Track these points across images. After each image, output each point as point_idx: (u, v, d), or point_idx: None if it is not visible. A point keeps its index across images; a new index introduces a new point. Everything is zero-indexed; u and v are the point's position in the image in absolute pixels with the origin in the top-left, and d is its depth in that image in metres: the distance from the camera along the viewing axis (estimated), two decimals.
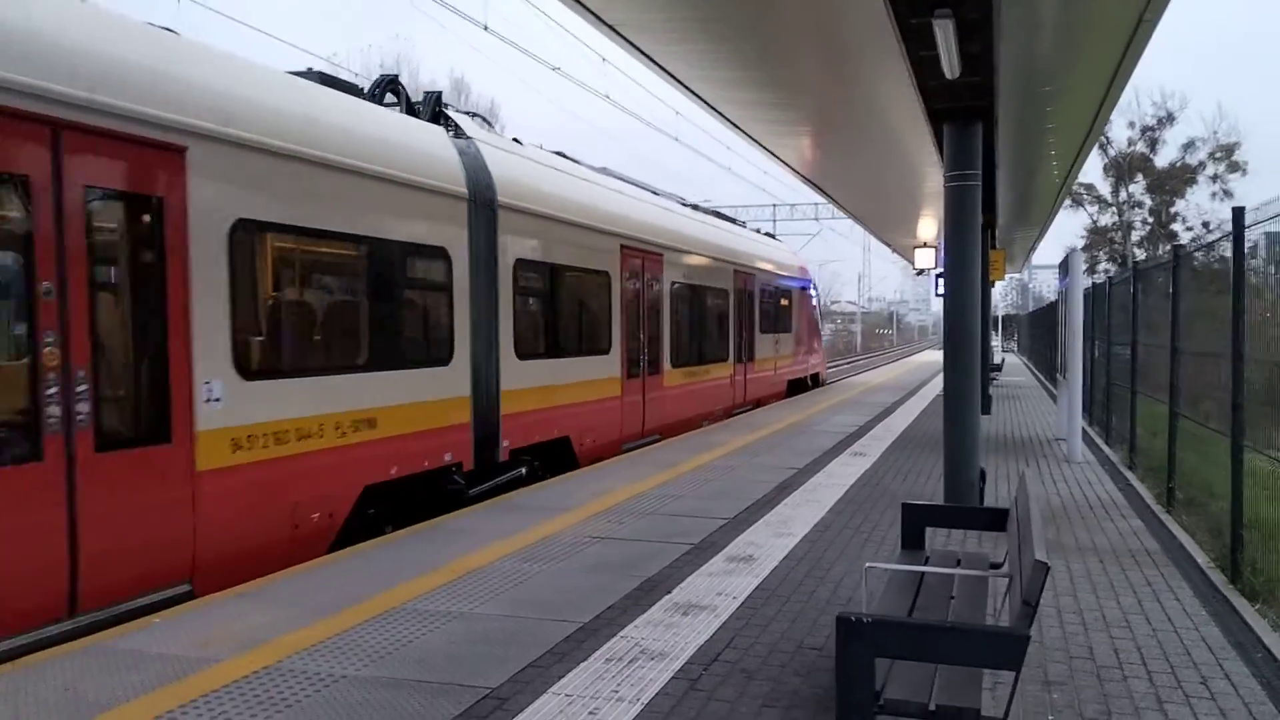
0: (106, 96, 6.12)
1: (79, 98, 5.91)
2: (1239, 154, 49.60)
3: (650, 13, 8.21)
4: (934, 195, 19.77)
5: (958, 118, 8.86)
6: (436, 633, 5.57)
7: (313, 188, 7.89)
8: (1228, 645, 5.52)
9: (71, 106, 5.88)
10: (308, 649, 5.28)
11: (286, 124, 7.69)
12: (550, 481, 10.81)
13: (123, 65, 6.34)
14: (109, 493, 6.07)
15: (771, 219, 49.10)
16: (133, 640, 5.39)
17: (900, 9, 6.40)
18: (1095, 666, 5.16)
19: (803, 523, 8.63)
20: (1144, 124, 50.09)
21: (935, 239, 28.51)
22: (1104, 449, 13.86)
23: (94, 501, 5.97)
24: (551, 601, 6.21)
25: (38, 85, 5.69)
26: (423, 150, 9.55)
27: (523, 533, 8.11)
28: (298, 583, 6.59)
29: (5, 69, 5.55)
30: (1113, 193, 53.04)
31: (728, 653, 5.33)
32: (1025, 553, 3.65)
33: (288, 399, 7.59)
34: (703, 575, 6.88)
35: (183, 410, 6.62)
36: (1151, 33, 8.53)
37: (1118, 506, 9.58)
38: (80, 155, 5.94)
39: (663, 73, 10.06)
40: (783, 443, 14.07)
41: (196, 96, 6.83)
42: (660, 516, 8.82)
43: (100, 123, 6.06)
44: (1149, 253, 51.36)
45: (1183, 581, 6.86)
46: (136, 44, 6.60)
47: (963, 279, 8.98)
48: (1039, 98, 10.49)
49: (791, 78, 10.33)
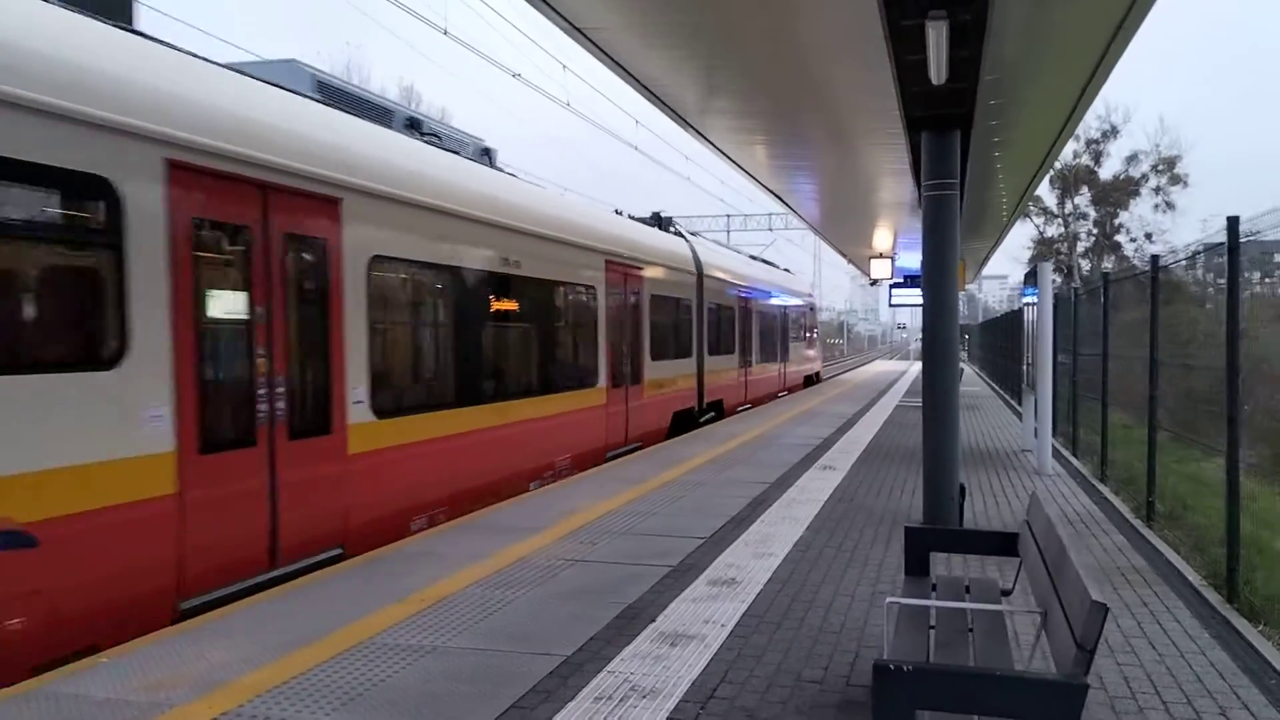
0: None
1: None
2: (1180, 167, 50.66)
3: (617, 16, 7.94)
4: (892, 206, 19.71)
5: (937, 125, 8.67)
6: (409, 670, 5.19)
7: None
8: (1238, 671, 5.32)
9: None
10: (272, 690, 4.87)
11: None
12: (515, 500, 10.45)
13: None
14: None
15: (726, 229, 49.05)
16: (77, 683, 4.94)
17: (893, 10, 6.16)
18: (1108, 697, 4.92)
19: (782, 541, 8.35)
20: (1089, 137, 50.95)
21: (891, 249, 28.54)
22: (1071, 460, 13.78)
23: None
24: (530, 633, 5.85)
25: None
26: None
27: (492, 556, 7.74)
28: (257, 614, 6.16)
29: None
30: (1059, 204, 53.84)
31: (724, 688, 5.01)
32: (1065, 588, 3.38)
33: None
34: (686, 601, 6.56)
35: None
36: (1129, 40, 8.41)
37: (1096, 521, 9.43)
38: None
39: (630, 79, 9.78)
40: (749, 456, 13.81)
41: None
42: (634, 536, 8.49)
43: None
44: (1094, 263, 52.21)
45: (1178, 601, 6.68)
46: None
47: (943, 289, 8.79)
48: (1011, 106, 10.35)
49: (757, 85, 10.11)
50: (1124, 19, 7.67)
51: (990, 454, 14.61)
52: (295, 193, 7.81)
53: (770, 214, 49.25)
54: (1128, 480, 10.89)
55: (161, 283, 6.49)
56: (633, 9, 7.76)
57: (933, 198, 8.77)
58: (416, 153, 10.04)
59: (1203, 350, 9.37)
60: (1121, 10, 7.37)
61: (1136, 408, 12.09)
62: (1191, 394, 11.23)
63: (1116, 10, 7.38)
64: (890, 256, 29.16)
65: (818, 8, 7.64)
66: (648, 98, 10.55)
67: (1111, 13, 7.49)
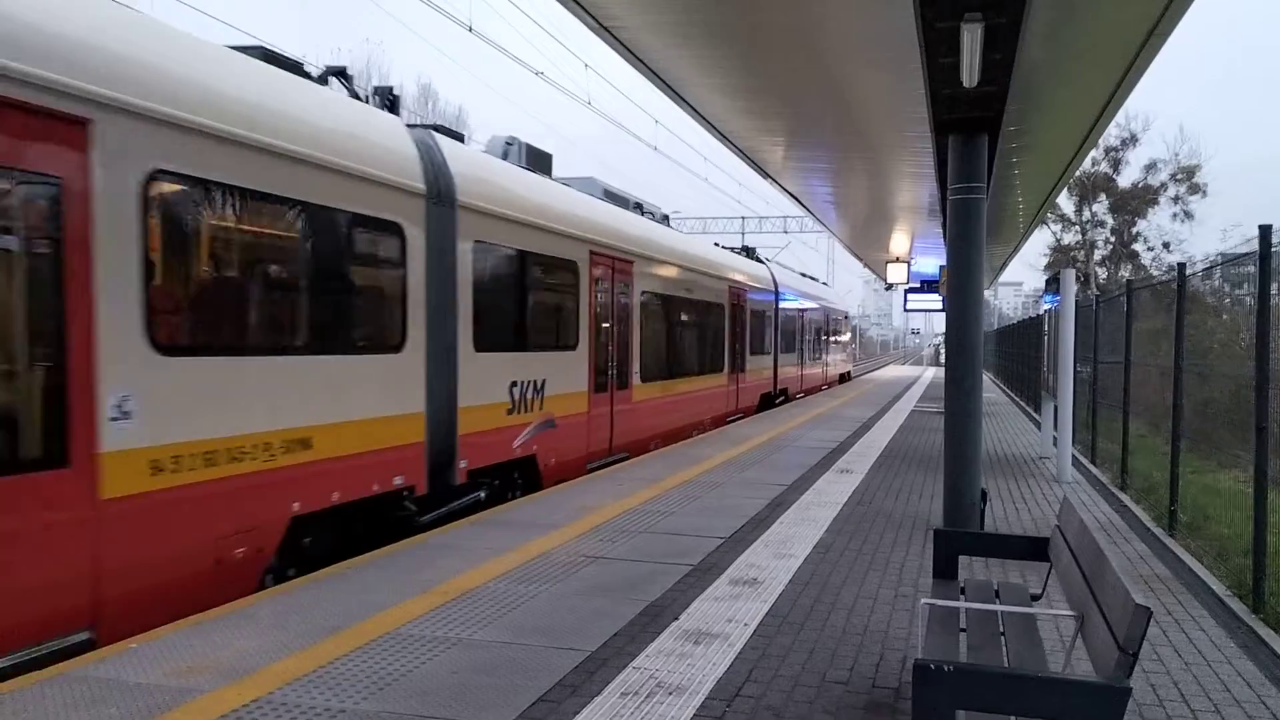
0: None
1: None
2: (1199, 176, 50.35)
3: (649, 15, 7.95)
4: (909, 210, 19.68)
5: (965, 129, 8.65)
6: (435, 661, 5.21)
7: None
8: (1266, 681, 5.30)
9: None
10: (300, 679, 4.89)
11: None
12: (534, 496, 10.48)
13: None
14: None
15: (740, 230, 49.03)
16: (109, 667, 4.97)
17: (928, 12, 6.15)
18: (1136, 704, 4.90)
19: (803, 543, 8.34)
20: (1108, 145, 50.71)
21: (908, 254, 28.48)
22: (1090, 468, 13.73)
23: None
24: (553, 627, 5.86)
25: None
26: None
27: (513, 551, 7.75)
28: (283, 603, 6.18)
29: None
30: (1076, 212, 53.57)
31: (749, 687, 5.01)
32: (1103, 592, 3.38)
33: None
34: (708, 600, 6.56)
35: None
36: (1160, 47, 8.37)
37: (1118, 529, 9.40)
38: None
39: (655, 79, 9.79)
40: (766, 458, 13.80)
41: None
42: (654, 535, 8.50)
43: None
44: (1111, 272, 51.98)
45: (1202, 610, 6.65)
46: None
47: (967, 294, 8.76)
48: (1036, 111, 10.33)
49: (781, 86, 10.11)
50: (1156, 24, 7.64)
51: (1009, 460, 14.56)
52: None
53: (786, 216, 49.26)
54: (1148, 489, 10.84)
55: None
56: (658, 7, 7.77)
57: (959, 202, 8.74)
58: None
59: (1221, 360, 9.34)
60: (1155, 15, 7.34)
61: (1155, 417, 12.06)
62: (1210, 404, 11.19)
63: (1150, 14, 7.36)
64: (907, 261, 29.09)
65: (849, 8, 7.65)
66: (670, 96, 10.56)
67: (1145, 17, 7.47)
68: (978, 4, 5.96)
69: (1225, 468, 11.44)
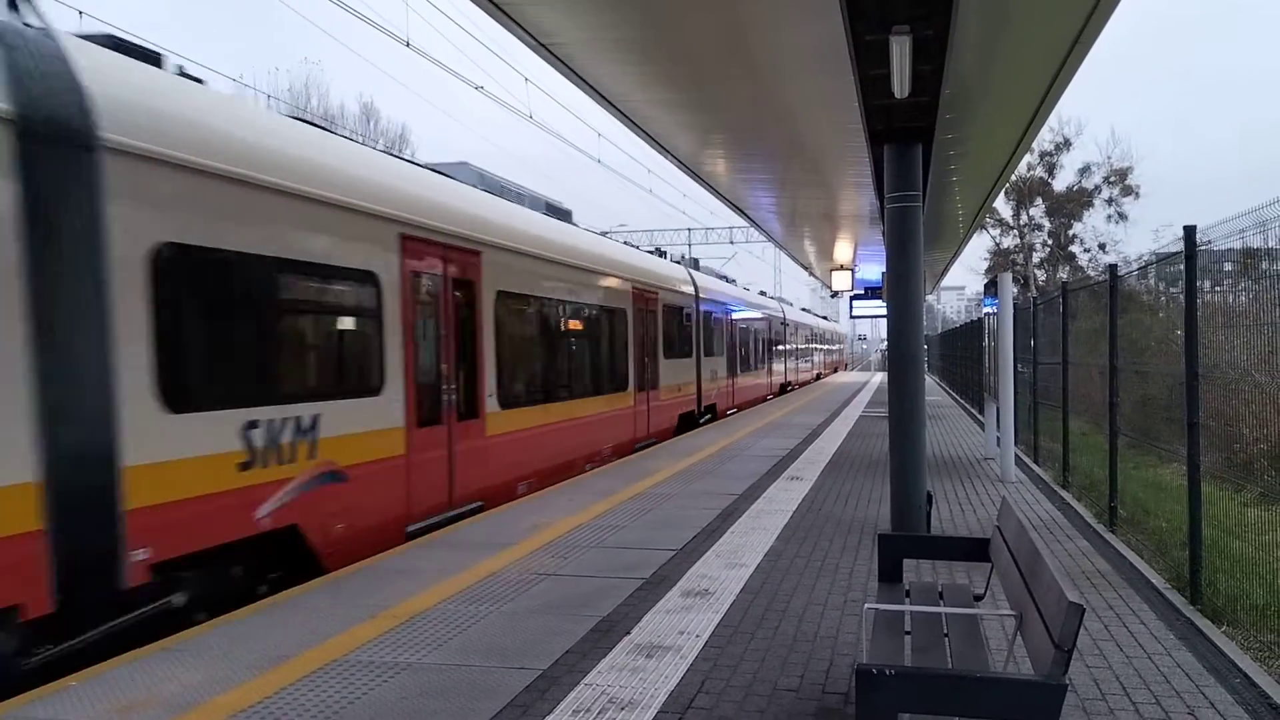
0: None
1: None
2: (1132, 178, 51.56)
3: (584, 31, 7.99)
4: (851, 218, 19.93)
5: (899, 138, 8.79)
6: (385, 687, 5.16)
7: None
8: (1204, 671, 5.43)
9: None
10: (245, 710, 4.82)
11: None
12: (483, 515, 10.43)
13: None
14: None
15: (687, 242, 49.26)
16: (46, 708, 4.86)
17: (857, 26, 6.26)
18: (1079, 699, 5.00)
19: (753, 552, 8.39)
20: (1042, 149, 51.74)
21: (851, 261, 28.82)
22: (1033, 468, 13.97)
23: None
24: (505, 647, 5.84)
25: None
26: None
27: (465, 571, 7.71)
28: (229, 633, 6.09)
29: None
30: (1014, 216, 54.55)
31: (701, 698, 5.03)
32: (1040, 590, 3.44)
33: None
34: (660, 612, 6.57)
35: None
36: (1084, 55, 8.59)
37: (1060, 526, 9.57)
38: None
39: (595, 94, 9.83)
40: (716, 468, 13.86)
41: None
42: (605, 549, 8.50)
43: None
44: (1049, 274, 52.96)
45: (1142, 604, 6.80)
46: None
47: (907, 299, 8.89)
48: (969, 119, 10.53)
49: (718, 100, 10.20)
50: (1079, 33, 7.84)
51: (954, 462, 14.77)
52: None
53: (731, 227, 49.60)
54: (1089, 486, 11.05)
55: None
56: (594, 25, 7.81)
57: (896, 210, 8.88)
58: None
59: (1157, 358, 9.57)
60: (1078, 25, 7.53)
61: (1095, 415, 12.30)
62: (1148, 401, 11.44)
63: (1073, 24, 7.54)
64: (851, 268, 29.46)
65: (779, 23, 7.74)
66: (610, 111, 10.60)
67: (1068, 26, 7.66)
68: (905, 16, 6.07)
69: (1165, 462, 11.70)
